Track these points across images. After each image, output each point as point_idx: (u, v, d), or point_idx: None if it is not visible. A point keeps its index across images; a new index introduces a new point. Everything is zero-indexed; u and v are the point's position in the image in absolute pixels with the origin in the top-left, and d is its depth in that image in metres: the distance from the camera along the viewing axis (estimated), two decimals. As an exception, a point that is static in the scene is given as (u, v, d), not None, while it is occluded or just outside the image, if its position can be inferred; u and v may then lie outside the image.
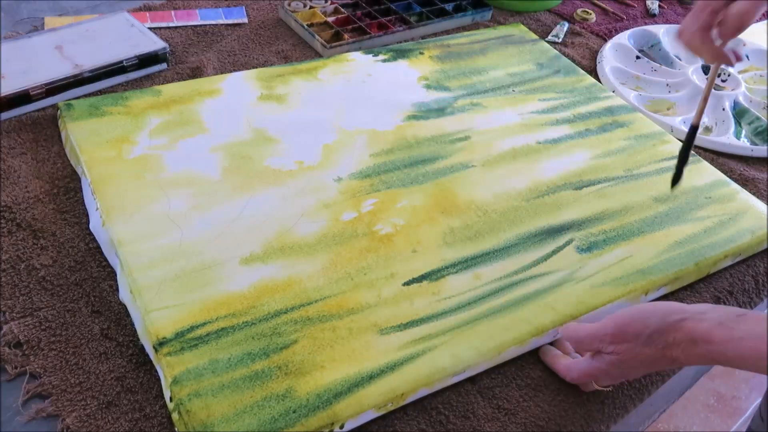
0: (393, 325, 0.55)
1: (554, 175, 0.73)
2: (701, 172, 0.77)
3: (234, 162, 0.68)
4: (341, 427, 0.49)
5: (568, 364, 0.54)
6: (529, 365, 0.56)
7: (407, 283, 0.59)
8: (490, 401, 0.53)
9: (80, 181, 0.66)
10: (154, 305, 0.53)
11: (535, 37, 0.97)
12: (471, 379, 0.54)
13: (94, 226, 0.60)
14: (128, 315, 0.55)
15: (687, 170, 0.75)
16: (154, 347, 0.51)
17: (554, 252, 0.64)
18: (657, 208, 0.70)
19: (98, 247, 0.60)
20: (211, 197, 0.63)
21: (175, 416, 0.48)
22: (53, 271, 0.58)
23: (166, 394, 0.49)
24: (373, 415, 0.50)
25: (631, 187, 0.73)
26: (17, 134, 0.71)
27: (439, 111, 0.79)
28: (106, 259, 0.59)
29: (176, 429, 0.48)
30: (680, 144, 0.80)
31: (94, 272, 0.58)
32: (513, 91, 0.85)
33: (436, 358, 0.53)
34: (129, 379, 0.51)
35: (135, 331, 0.54)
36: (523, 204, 0.68)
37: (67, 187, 0.65)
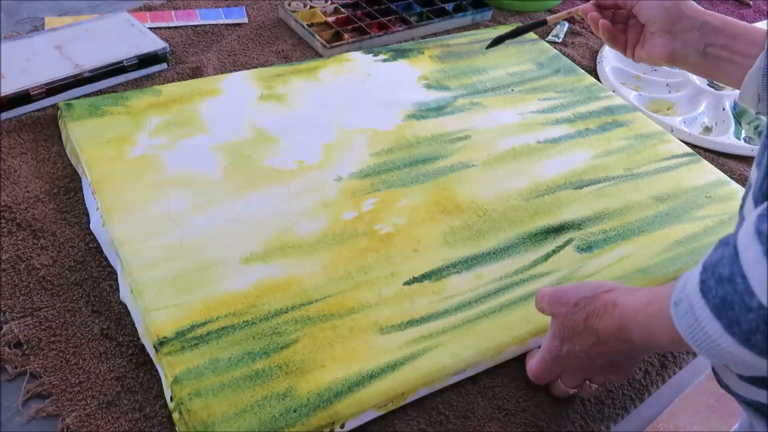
0: (393, 324, 0.55)
1: (554, 175, 0.73)
2: (701, 172, 0.76)
3: (234, 161, 0.68)
4: (342, 426, 0.49)
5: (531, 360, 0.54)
6: (529, 365, 0.56)
7: (408, 283, 0.59)
8: (490, 401, 0.53)
9: (80, 181, 0.66)
10: (155, 305, 0.53)
11: (535, 36, 0.97)
12: (471, 379, 0.54)
13: (94, 226, 0.60)
14: (128, 315, 0.55)
15: (687, 170, 0.75)
16: (154, 347, 0.51)
17: (554, 251, 0.64)
18: (657, 207, 0.70)
19: (98, 247, 0.60)
20: (211, 197, 0.63)
21: (175, 416, 0.48)
22: (53, 271, 0.58)
23: (167, 394, 0.49)
24: (373, 414, 0.50)
25: (631, 187, 0.73)
26: (17, 134, 0.71)
27: (439, 110, 0.79)
28: (106, 259, 0.59)
29: (177, 428, 0.48)
30: (681, 143, 0.80)
31: (94, 272, 0.58)
32: (513, 90, 0.85)
33: (437, 357, 0.53)
34: (129, 379, 0.51)
35: (135, 330, 0.54)
36: (522, 204, 0.68)
37: (67, 187, 0.65)
